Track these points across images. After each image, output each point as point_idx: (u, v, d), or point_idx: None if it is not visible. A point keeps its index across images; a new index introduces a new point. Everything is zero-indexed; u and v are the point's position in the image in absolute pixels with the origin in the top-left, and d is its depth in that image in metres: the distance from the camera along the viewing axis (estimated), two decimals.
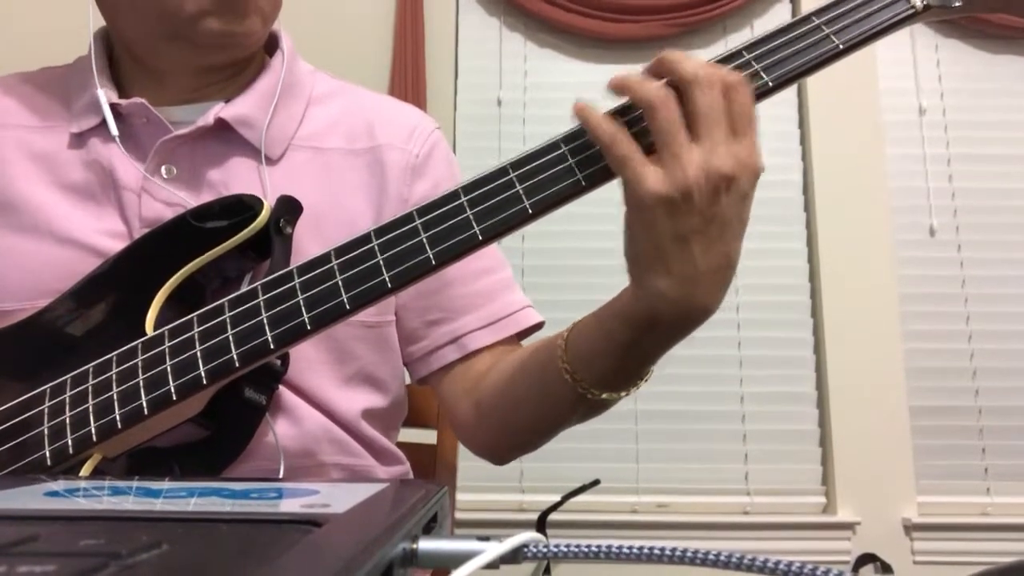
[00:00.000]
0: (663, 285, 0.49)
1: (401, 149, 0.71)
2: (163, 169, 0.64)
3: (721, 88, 0.47)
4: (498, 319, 0.71)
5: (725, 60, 0.51)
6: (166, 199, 0.63)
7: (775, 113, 2.08)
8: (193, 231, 0.58)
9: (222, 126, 0.65)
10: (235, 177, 0.65)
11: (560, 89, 2.07)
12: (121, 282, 0.58)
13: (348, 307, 0.50)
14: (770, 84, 0.51)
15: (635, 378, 0.57)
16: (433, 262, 0.50)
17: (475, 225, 0.50)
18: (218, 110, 0.65)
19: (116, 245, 0.60)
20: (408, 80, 1.95)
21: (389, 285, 0.50)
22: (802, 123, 2.08)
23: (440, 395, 0.73)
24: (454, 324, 0.70)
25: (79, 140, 0.66)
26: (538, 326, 0.73)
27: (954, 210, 2.04)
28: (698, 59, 0.49)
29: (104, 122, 0.65)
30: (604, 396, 0.57)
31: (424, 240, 0.50)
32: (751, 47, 0.52)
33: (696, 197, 0.46)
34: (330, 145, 0.70)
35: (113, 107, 0.64)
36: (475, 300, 0.71)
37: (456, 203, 0.51)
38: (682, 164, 0.46)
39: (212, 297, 0.53)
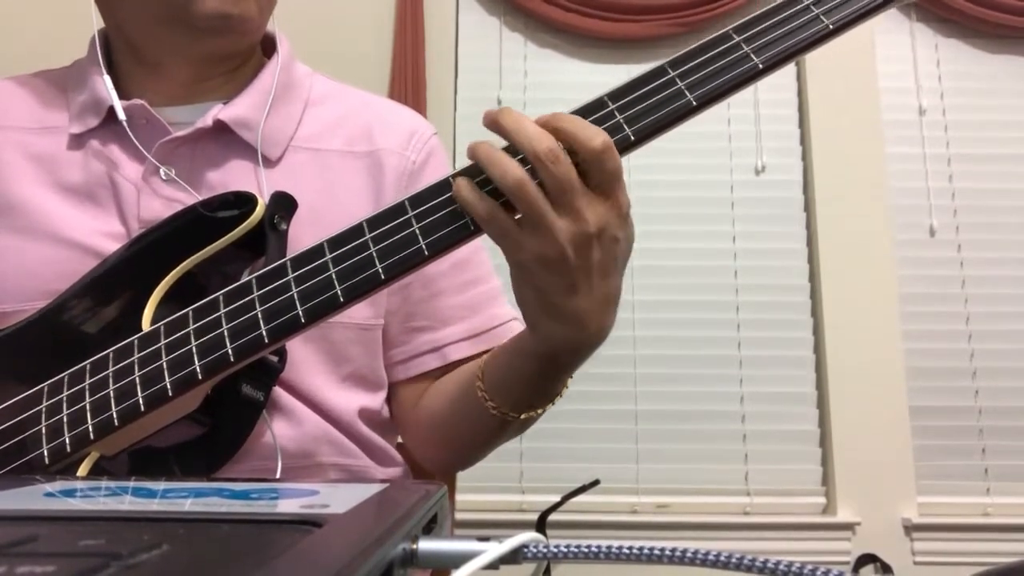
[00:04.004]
0: (554, 328, 0.53)
1: (399, 154, 0.71)
2: (162, 170, 0.64)
3: (569, 157, 0.48)
4: (480, 332, 0.72)
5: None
6: (165, 200, 0.63)
7: (775, 113, 2.08)
8: (195, 225, 0.58)
9: (221, 127, 0.65)
10: (234, 178, 0.65)
11: (560, 89, 2.07)
12: (120, 280, 0.58)
13: (342, 300, 0.50)
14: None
15: (550, 396, 0.61)
16: (426, 252, 0.50)
17: (466, 215, 0.50)
18: (216, 111, 0.65)
19: (114, 246, 0.60)
20: (408, 80, 1.95)
21: (383, 277, 0.50)
22: (802, 123, 2.08)
23: (397, 400, 0.74)
24: (437, 334, 0.71)
25: (78, 141, 0.66)
26: None
27: (954, 210, 2.04)
28: (535, 129, 0.48)
29: (103, 124, 0.65)
30: (523, 417, 0.61)
31: (417, 231, 0.50)
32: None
33: (571, 256, 0.49)
34: (329, 146, 0.70)
35: (111, 108, 0.65)
36: (459, 312, 0.72)
37: (448, 194, 0.51)
38: (552, 233, 0.48)
39: (211, 294, 0.53)
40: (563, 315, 0.51)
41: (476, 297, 0.73)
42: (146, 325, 0.55)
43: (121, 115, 0.64)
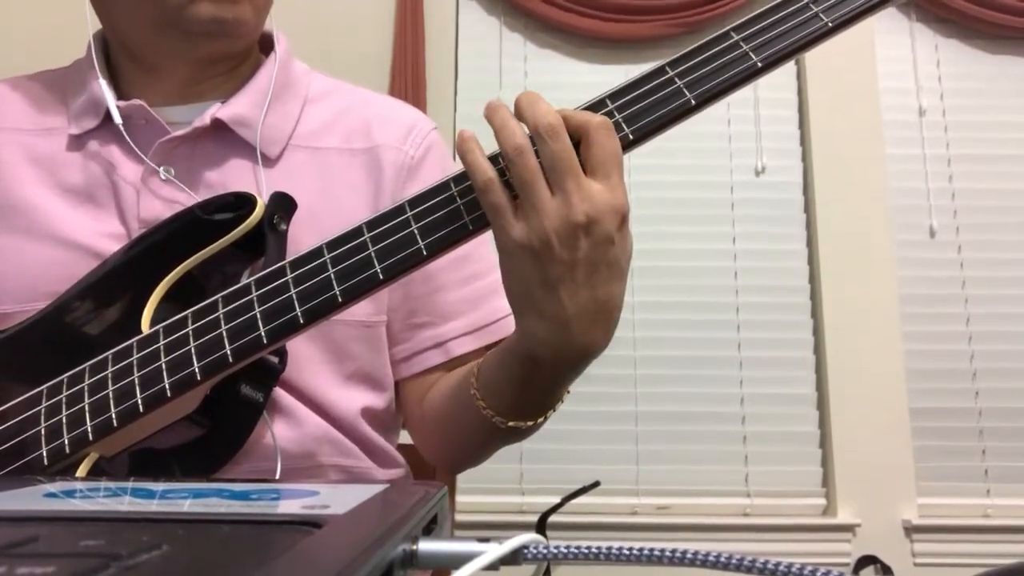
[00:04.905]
0: (536, 327, 0.51)
1: (397, 149, 0.71)
2: (161, 170, 0.64)
3: (568, 135, 0.48)
4: (482, 326, 0.72)
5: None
6: (164, 200, 0.63)
7: (775, 113, 2.08)
8: (193, 226, 0.58)
9: (219, 126, 0.65)
10: (233, 177, 0.65)
11: (560, 89, 2.07)
12: (120, 282, 0.58)
13: (340, 300, 0.50)
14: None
15: (540, 409, 0.59)
16: (424, 253, 0.50)
17: (465, 215, 0.50)
18: (214, 110, 0.65)
19: (114, 246, 0.60)
20: (408, 80, 1.95)
21: (381, 277, 0.50)
22: (802, 123, 2.08)
23: (403, 397, 0.74)
24: (439, 329, 0.71)
25: (78, 142, 0.66)
26: None
27: (954, 211, 2.04)
28: (546, 107, 0.49)
29: (102, 124, 0.65)
30: (511, 424, 0.59)
31: (415, 231, 0.50)
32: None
33: (556, 246, 0.48)
34: (328, 144, 0.70)
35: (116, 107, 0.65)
36: (461, 306, 0.72)
37: (447, 194, 0.51)
38: (539, 215, 0.48)
39: (211, 295, 0.53)
40: (544, 313, 0.50)
41: (478, 291, 0.73)
42: (145, 326, 0.55)
43: (117, 119, 0.64)
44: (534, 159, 0.48)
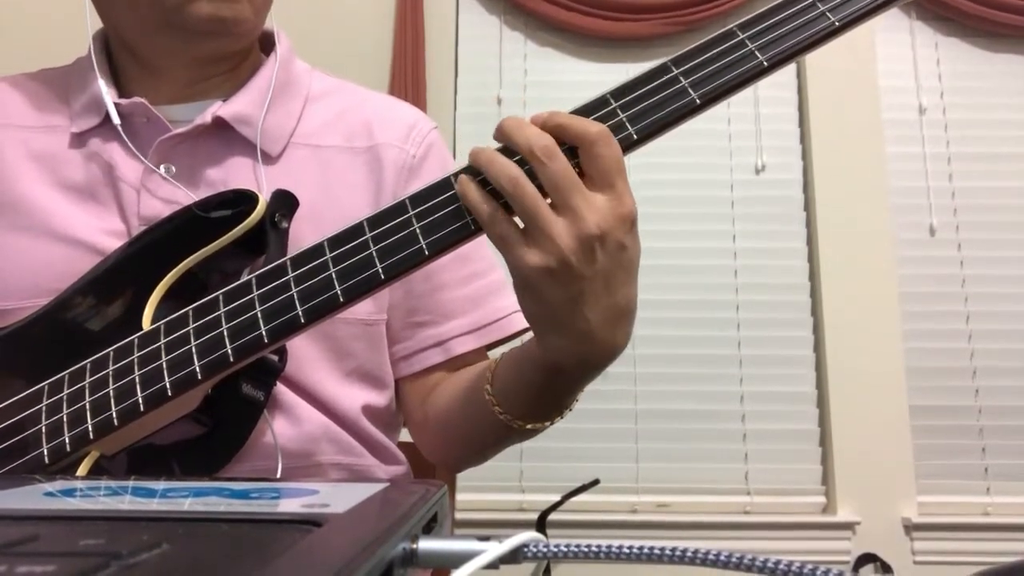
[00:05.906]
0: (561, 343, 0.51)
1: (399, 148, 0.71)
2: (162, 168, 0.64)
3: (562, 151, 0.47)
4: (483, 325, 0.71)
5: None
6: (165, 197, 0.63)
7: (775, 113, 2.08)
8: (194, 223, 0.58)
9: (220, 124, 0.65)
10: (234, 175, 0.65)
11: (560, 88, 2.07)
12: (121, 279, 0.58)
13: (342, 300, 0.50)
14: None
15: (559, 409, 0.60)
16: (426, 252, 0.49)
17: (467, 215, 0.50)
18: (216, 108, 0.66)
19: (115, 244, 0.60)
20: (408, 80, 1.95)
21: (383, 277, 0.49)
22: (802, 123, 2.08)
23: (403, 396, 0.74)
24: (440, 328, 0.71)
25: (79, 140, 0.66)
26: (523, 332, 0.73)
27: (954, 209, 2.04)
28: (535, 129, 0.48)
29: (104, 122, 0.65)
30: (529, 427, 0.60)
31: (417, 230, 0.50)
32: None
33: (574, 263, 0.47)
34: (329, 143, 0.70)
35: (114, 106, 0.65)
36: (463, 305, 0.72)
37: (449, 192, 0.50)
38: (550, 238, 0.47)
39: (212, 292, 0.53)
40: (568, 329, 0.50)
41: (479, 290, 0.72)
42: (146, 324, 0.55)
43: (115, 120, 0.64)
44: (532, 185, 0.47)
